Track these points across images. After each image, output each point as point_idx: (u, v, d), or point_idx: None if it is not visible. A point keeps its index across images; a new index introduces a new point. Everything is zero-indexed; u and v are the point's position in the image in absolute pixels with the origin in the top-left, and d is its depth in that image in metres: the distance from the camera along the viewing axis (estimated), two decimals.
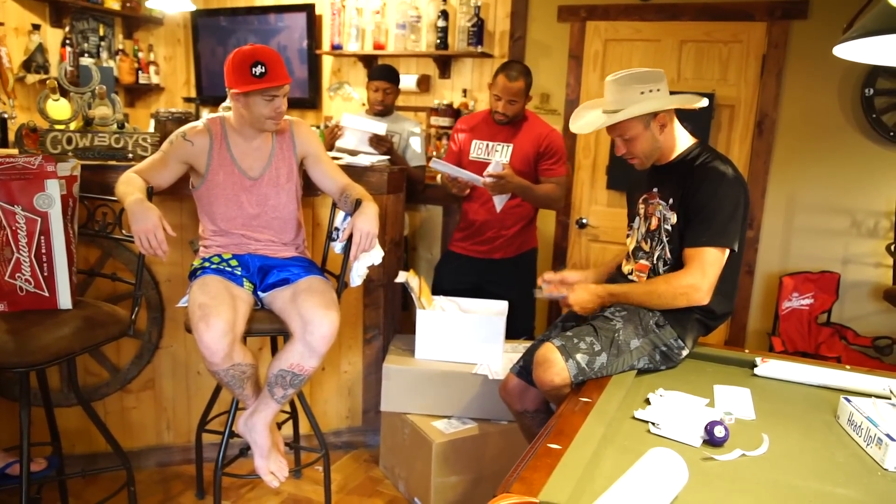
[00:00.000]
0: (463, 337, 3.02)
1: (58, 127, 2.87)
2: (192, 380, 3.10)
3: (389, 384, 3.00)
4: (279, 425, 2.87)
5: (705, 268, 2.15)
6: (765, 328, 4.09)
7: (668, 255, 2.26)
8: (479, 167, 3.34)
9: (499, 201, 3.35)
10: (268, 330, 2.49)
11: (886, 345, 3.75)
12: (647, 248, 2.34)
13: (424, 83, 4.82)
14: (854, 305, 3.95)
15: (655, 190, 2.33)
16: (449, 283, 3.46)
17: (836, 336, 3.86)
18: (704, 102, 2.27)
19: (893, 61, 1.66)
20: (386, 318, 3.33)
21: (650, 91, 2.19)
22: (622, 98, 2.21)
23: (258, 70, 2.35)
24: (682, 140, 2.31)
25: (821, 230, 3.98)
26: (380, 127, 3.68)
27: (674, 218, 2.24)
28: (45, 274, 2.24)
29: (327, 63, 5.26)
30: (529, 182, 3.29)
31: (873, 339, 3.78)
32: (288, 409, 2.97)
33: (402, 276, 3.08)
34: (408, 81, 4.66)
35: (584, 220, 4.37)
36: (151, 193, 2.39)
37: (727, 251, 2.18)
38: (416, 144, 3.92)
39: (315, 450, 2.81)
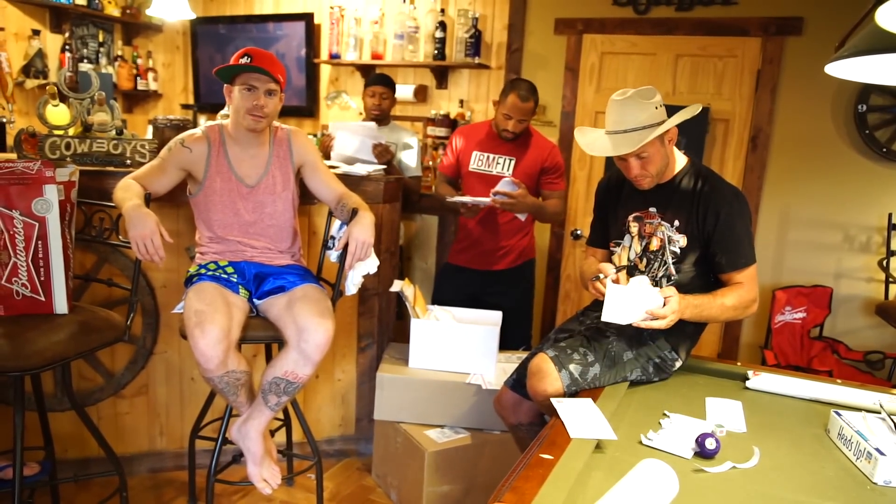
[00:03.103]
0: (457, 346, 3.03)
1: (57, 132, 2.88)
2: (185, 386, 3.10)
3: (383, 393, 3.01)
4: (272, 432, 2.87)
5: (755, 284, 2.24)
6: (757, 341, 4.11)
7: (673, 271, 2.27)
8: (479, 178, 3.37)
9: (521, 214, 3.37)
10: (262, 337, 2.49)
11: (878, 359, 3.77)
12: (643, 266, 2.33)
13: (421, 93, 4.85)
14: (846, 320, 3.97)
15: (653, 210, 2.30)
16: (448, 294, 3.47)
17: (828, 350, 3.88)
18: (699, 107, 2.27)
19: (884, 80, 1.69)
20: (380, 327, 3.34)
21: (660, 105, 2.18)
22: (645, 115, 2.14)
23: (244, 60, 2.40)
24: (679, 157, 2.31)
25: (814, 245, 4.01)
26: (370, 128, 3.70)
27: (683, 241, 2.24)
28: (42, 278, 2.25)
29: (325, 72, 5.28)
30: (539, 200, 3.32)
31: (865, 354, 3.80)
32: (281, 416, 2.97)
33: (396, 285, 3.09)
34: (405, 91, 4.69)
35: (579, 232, 4.39)
36: (149, 200, 2.40)
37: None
38: (412, 154, 3.95)
39: (308, 457, 2.82)
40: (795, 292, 3.91)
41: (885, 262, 3.75)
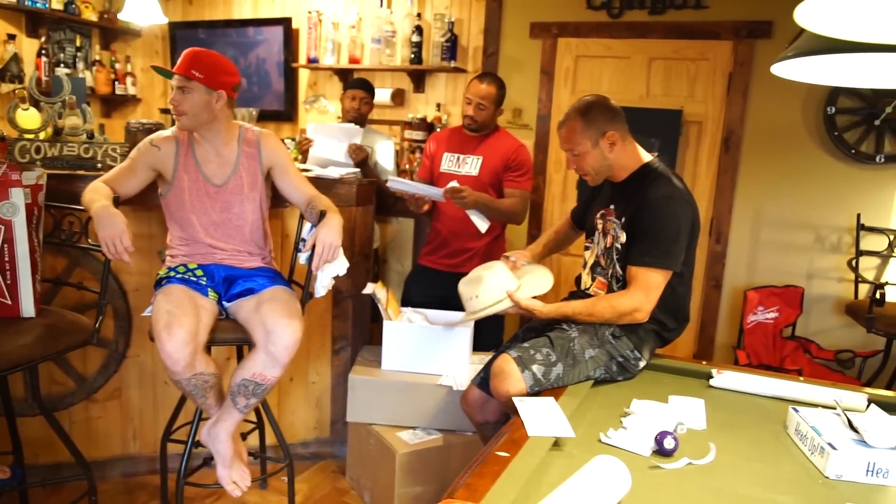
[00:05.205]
0: (429, 348, 3.04)
1: (27, 136, 2.88)
2: (159, 389, 3.10)
3: (355, 395, 3.01)
4: (245, 435, 2.88)
5: (648, 290, 2.19)
6: (732, 342, 4.14)
7: (620, 271, 2.30)
8: (450, 178, 3.38)
9: (480, 224, 3.35)
10: (231, 339, 2.50)
11: (848, 358, 3.81)
12: (604, 263, 2.38)
13: (399, 97, 4.87)
14: (818, 319, 4.01)
15: (612, 207, 2.37)
16: (418, 296, 3.47)
17: (800, 350, 3.92)
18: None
19: (824, 80, 1.72)
20: (354, 330, 3.34)
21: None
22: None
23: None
24: (637, 158, 2.36)
25: (786, 245, 4.05)
26: (350, 129, 3.72)
27: (623, 237, 2.28)
28: (8, 282, 2.24)
29: (303, 76, 5.29)
30: (490, 196, 3.33)
31: (836, 353, 3.84)
32: (254, 418, 2.97)
33: (369, 288, 3.10)
34: (382, 95, 4.70)
35: None
36: (118, 202, 2.41)
37: (670, 273, 2.22)
38: (388, 157, 3.96)
39: (280, 460, 2.82)
40: (768, 292, 3.94)
41: (854, 262, 3.79)
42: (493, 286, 2.34)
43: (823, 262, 3.98)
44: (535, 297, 2.36)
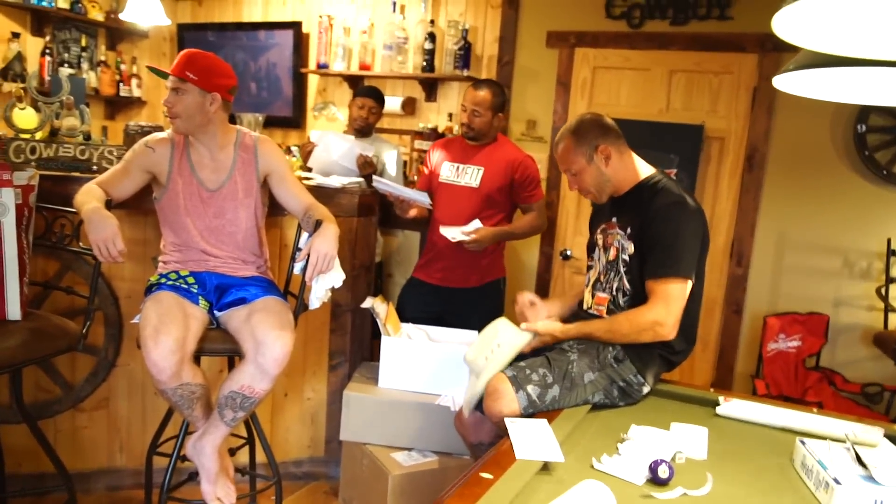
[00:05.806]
0: (428, 366, 2.92)
1: (23, 136, 2.84)
2: (148, 400, 3.01)
3: (349, 412, 2.90)
4: (233, 451, 2.78)
5: (669, 302, 2.09)
6: (752, 370, 3.95)
7: (627, 285, 2.20)
8: (448, 189, 3.29)
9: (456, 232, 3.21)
10: (221, 350, 2.43)
11: (876, 392, 3.60)
12: (604, 279, 2.29)
13: (410, 106, 4.77)
14: (845, 350, 3.81)
15: (614, 220, 2.30)
16: (411, 311, 3.33)
17: (824, 381, 3.71)
18: None
19: (825, 95, 1.63)
20: (353, 345, 3.23)
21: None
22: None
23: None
24: (638, 170, 2.30)
25: (811, 270, 3.86)
26: (348, 139, 3.66)
27: (631, 248, 2.19)
28: None
29: (313, 82, 5.21)
30: (504, 227, 3.27)
31: (863, 386, 3.63)
32: (245, 434, 2.87)
33: (368, 302, 3.00)
34: (393, 103, 4.60)
35: (569, 252, 4.27)
36: (110, 205, 2.36)
37: (689, 283, 2.11)
38: (394, 166, 3.87)
39: (269, 478, 2.71)
40: (790, 319, 3.75)
41: (883, 290, 3.60)
42: (511, 332, 2.27)
43: (851, 288, 3.78)
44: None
